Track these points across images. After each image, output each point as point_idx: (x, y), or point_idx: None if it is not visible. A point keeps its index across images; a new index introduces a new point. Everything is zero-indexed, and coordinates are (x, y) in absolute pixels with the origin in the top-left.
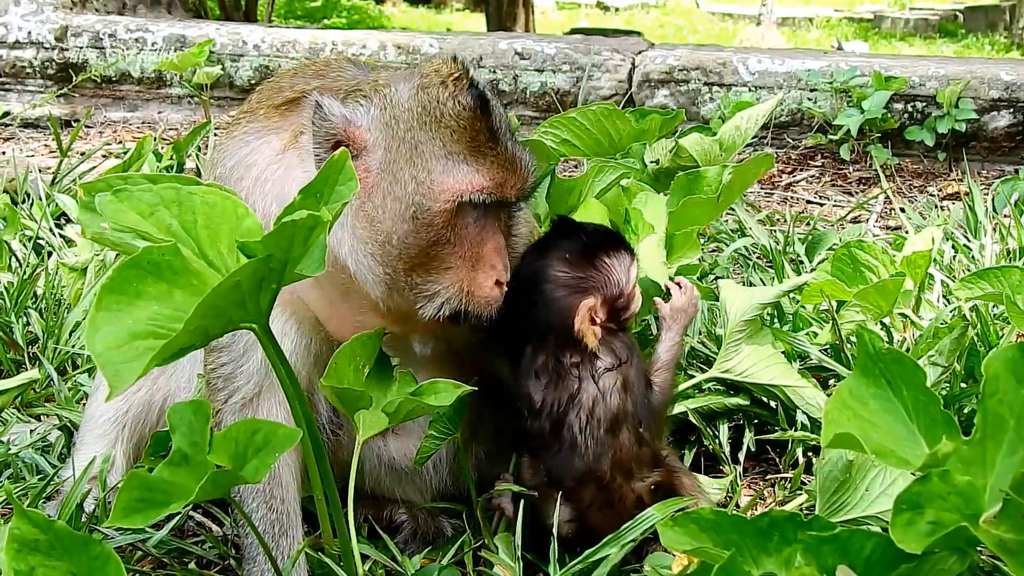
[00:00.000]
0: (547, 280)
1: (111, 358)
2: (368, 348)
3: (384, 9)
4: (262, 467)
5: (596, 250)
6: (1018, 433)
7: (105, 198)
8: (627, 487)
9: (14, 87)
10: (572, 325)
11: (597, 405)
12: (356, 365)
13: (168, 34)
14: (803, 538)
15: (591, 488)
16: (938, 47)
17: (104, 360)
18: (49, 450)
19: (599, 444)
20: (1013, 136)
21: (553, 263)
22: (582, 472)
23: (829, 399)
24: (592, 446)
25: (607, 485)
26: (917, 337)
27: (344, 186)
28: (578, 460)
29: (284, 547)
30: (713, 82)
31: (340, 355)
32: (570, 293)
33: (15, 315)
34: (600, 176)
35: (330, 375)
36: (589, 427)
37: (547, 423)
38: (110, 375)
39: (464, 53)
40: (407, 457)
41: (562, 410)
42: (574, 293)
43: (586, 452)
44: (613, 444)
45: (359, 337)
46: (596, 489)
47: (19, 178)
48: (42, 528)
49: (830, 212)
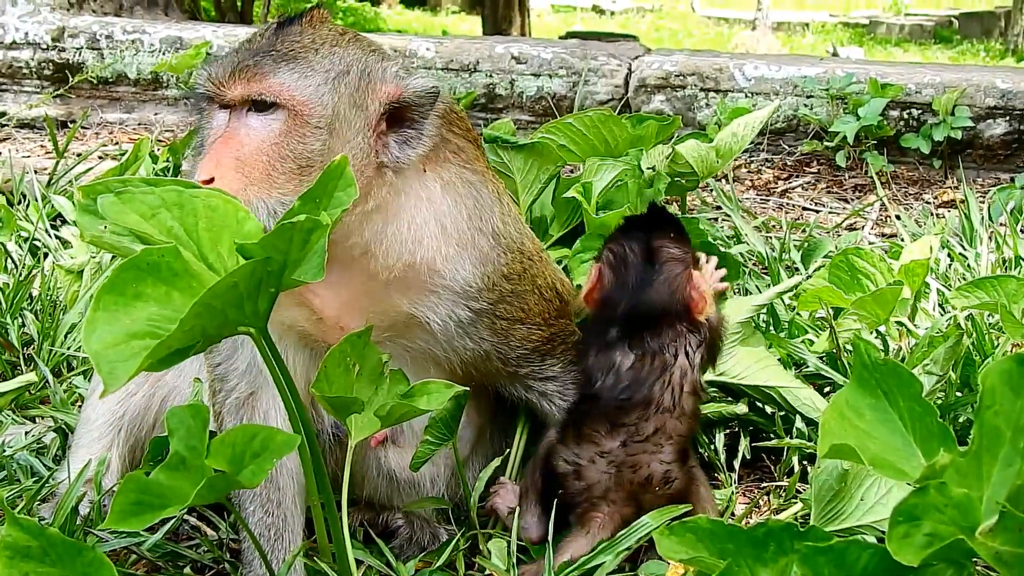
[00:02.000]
0: (665, 259)
1: (107, 356)
2: (358, 347)
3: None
4: (259, 472)
5: (680, 226)
6: (1014, 445)
7: (107, 199)
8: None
9: (10, 88)
10: (688, 297)
11: (685, 376)
12: (346, 365)
13: (165, 36)
14: (799, 548)
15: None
16: (933, 53)
17: (100, 358)
18: (44, 452)
19: (672, 402)
20: (1009, 144)
21: (667, 242)
22: (637, 413)
23: (826, 409)
24: (667, 400)
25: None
26: (913, 346)
27: (343, 192)
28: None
29: (279, 551)
30: (709, 88)
31: (330, 358)
32: (683, 266)
33: (10, 317)
34: (599, 175)
35: (320, 381)
36: (672, 391)
37: (626, 379)
38: (105, 372)
39: (460, 57)
40: (406, 469)
41: (650, 377)
42: (685, 265)
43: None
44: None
45: (349, 337)
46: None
47: (15, 179)
48: (34, 535)
49: (826, 219)
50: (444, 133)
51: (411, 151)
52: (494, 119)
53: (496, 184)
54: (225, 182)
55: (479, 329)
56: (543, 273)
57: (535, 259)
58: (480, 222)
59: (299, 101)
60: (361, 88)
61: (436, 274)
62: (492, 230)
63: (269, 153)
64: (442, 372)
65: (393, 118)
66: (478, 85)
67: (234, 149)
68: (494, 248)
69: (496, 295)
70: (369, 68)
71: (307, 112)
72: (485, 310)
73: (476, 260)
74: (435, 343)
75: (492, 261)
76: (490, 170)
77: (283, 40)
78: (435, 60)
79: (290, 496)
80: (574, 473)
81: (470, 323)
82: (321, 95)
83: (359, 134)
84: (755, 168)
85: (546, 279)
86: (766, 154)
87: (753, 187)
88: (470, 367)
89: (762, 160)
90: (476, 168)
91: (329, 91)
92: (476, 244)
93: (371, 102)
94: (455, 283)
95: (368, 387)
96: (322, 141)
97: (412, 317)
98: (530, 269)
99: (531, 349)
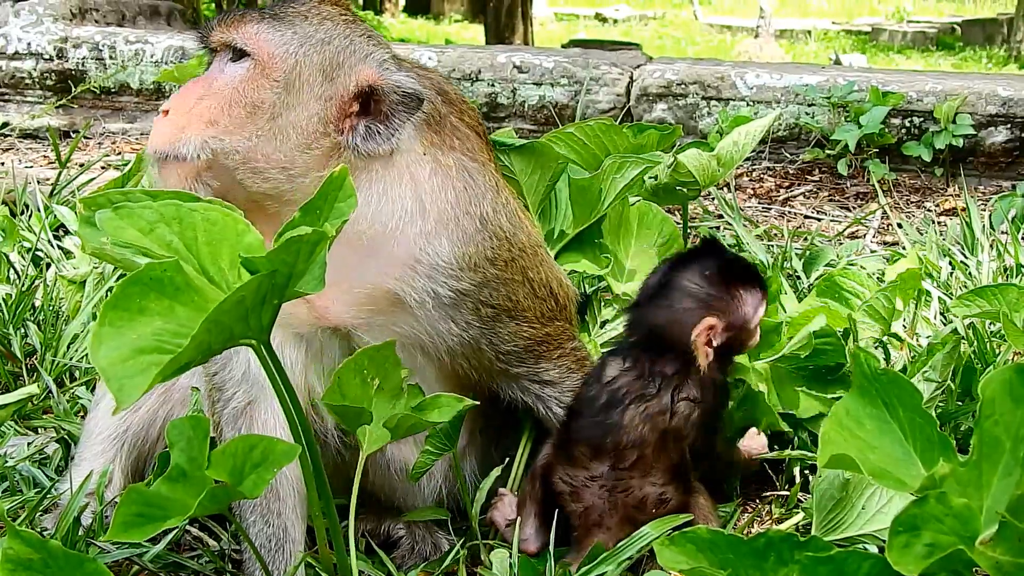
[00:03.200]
0: (678, 288)
1: (116, 372)
2: (377, 361)
3: (383, 19)
4: (260, 483)
5: (734, 276)
6: (1014, 455)
7: (105, 215)
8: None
9: (13, 98)
10: (688, 336)
11: (660, 417)
12: (364, 378)
13: (167, 46)
14: (799, 559)
15: (605, 460)
16: (935, 60)
17: (110, 375)
18: (47, 463)
19: (640, 437)
20: (1010, 152)
21: (689, 275)
22: (611, 441)
23: (826, 419)
24: (634, 433)
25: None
26: (913, 357)
27: (344, 203)
28: (613, 433)
29: (280, 562)
30: (711, 96)
31: (344, 370)
32: (698, 307)
33: (13, 327)
34: (621, 172)
35: (332, 392)
36: (641, 424)
37: (605, 395)
38: (115, 389)
39: (463, 66)
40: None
41: (627, 399)
42: (701, 308)
43: (625, 432)
44: (654, 445)
45: (367, 350)
46: (609, 465)
47: (18, 189)
48: (35, 547)
49: (827, 227)
50: (454, 120)
51: (373, 145)
52: (496, 128)
53: (496, 177)
54: (175, 115)
55: (463, 313)
56: (536, 268)
57: (527, 252)
58: (469, 205)
59: (265, 51)
60: (336, 61)
61: (409, 246)
62: (480, 214)
63: (225, 96)
64: (430, 362)
65: (368, 107)
66: (480, 94)
67: (201, 89)
68: (480, 231)
69: (480, 277)
70: (354, 47)
71: (270, 64)
72: (467, 291)
73: (458, 239)
74: (419, 327)
75: (476, 243)
76: (494, 163)
77: (286, 4)
78: (438, 69)
79: (291, 506)
80: (572, 494)
81: (451, 304)
82: (289, 52)
83: (319, 101)
84: (757, 176)
85: (540, 275)
86: (768, 162)
87: (755, 195)
88: (460, 358)
89: (764, 168)
90: (478, 158)
91: (300, 51)
92: (460, 224)
93: (344, 77)
94: (432, 258)
95: (387, 403)
96: (277, 95)
97: (394, 295)
98: (520, 260)
99: (523, 347)
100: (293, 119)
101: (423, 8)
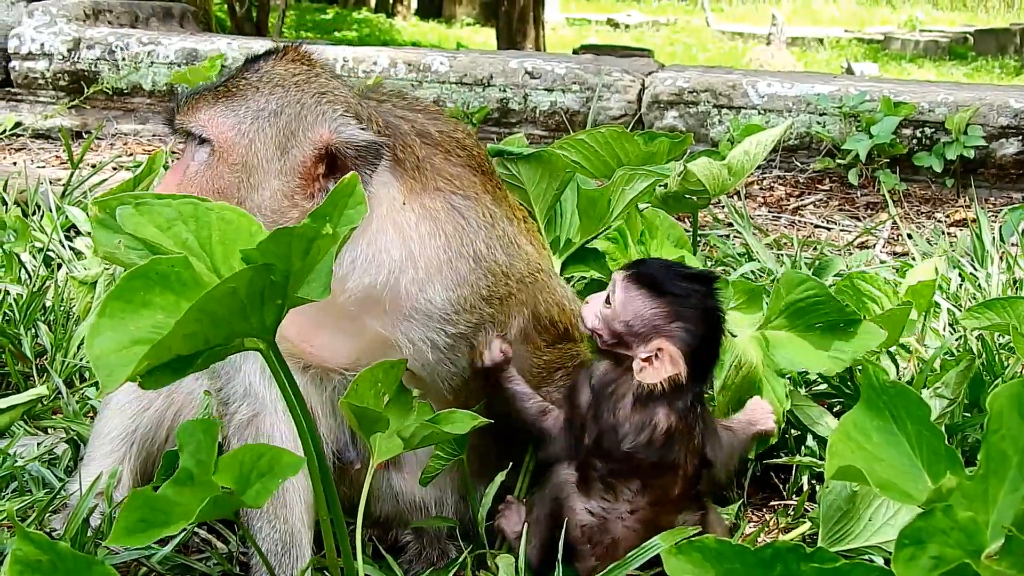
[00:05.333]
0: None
1: (108, 360)
2: (390, 376)
3: (395, 23)
4: (264, 492)
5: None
6: (1021, 469)
7: (126, 210)
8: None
9: (26, 98)
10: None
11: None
12: (377, 391)
13: (180, 48)
14: (806, 570)
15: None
16: (948, 70)
17: (100, 361)
18: (56, 463)
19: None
20: (1021, 164)
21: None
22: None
23: (833, 431)
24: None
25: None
26: (921, 367)
27: (353, 210)
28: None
29: (287, 566)
30: (723, 104)
31: (361, 379)
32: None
33: (24, 327)
34: (631, 184)
35: (351, 395)
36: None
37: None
38: (103, 375)
39: (474, 71)
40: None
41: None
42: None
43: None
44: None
45: (382, 364)
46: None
47: (30, 190)
48: (44, 549)
49: (837, 237)
50: (438, 163)
51: None
52: (507, 133)
53: (491, 208)
54: None
55: (459, 356)
56: (535, 297)
57: (525, 282)
58: (461, 246)
59: (221, 137)
60: (289, 131)
61: (402, 297)
62: (474, 253)
63: (197, 184)
64: (430, 392)
65: (334, 166)
66: (491, 99)
67: (177, 176)
68: (474, 271)
69: (475, 318)
70: (304, 111)
71: (227, 148)
72: (464, 334)
73: (451, 283)
74: (416, 366)
75: (471, 283)
76: (490, 193)
77: (240, 76)
78: (449, 74)
79: (297, 513)
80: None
81: (449, 348)
82: (243, 131)
83: (278, 178)
84: (767, 185)
85: (540, 306)
86: (778, 171)
87: (765, 204)
88: (461, 391)
89: (774, 177)
90: (469, 193)
91: (252, 129)
92: (453, 267)
93: (300, 146)
94: (426, 306)
95: (399, 416)
96: (239, 179)
97: (387, 340)
98: (517, 295)
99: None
100: (258, 200)
101: (435, 12)
